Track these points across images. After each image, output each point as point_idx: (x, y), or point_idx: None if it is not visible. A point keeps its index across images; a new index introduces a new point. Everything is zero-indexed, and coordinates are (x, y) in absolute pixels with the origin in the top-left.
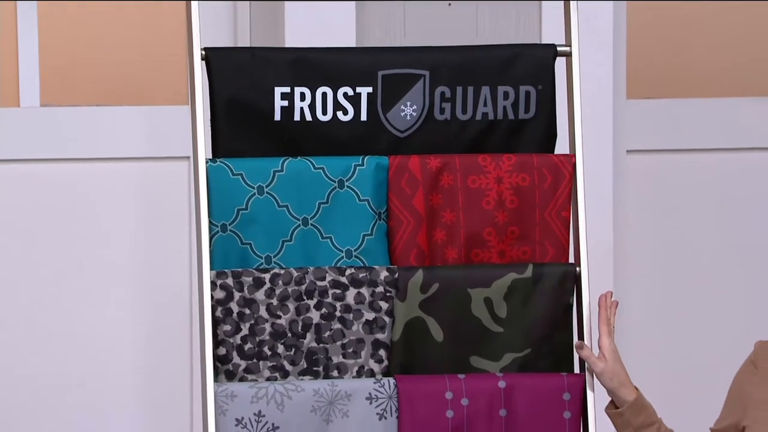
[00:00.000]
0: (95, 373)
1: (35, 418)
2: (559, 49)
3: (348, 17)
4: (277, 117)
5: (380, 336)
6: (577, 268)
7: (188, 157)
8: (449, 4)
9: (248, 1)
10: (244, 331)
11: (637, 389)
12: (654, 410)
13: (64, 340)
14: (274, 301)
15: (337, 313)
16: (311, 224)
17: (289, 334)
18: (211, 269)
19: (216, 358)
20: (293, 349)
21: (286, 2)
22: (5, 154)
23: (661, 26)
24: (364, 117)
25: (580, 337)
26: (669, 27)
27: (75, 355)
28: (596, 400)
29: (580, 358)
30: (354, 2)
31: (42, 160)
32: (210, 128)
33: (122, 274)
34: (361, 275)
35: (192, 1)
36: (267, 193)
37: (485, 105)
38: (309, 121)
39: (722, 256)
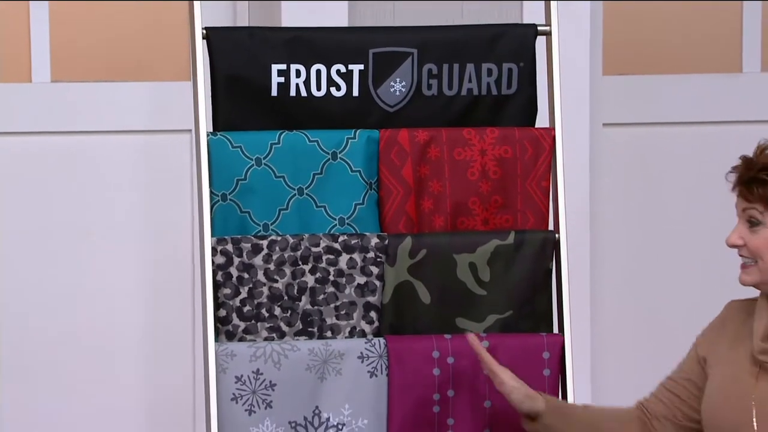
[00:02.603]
0: (102, 338)
1: (46, 371)
2: (539, 28)
3: (340, 16)
4: (274, 92)
5: (371, 299)
6: (556, 235)
7: (190, 130)
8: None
9: (247, 1)
10: (243, 294)
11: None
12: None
13: (74, 305)
14: (272, 266)
15: (331, 278)
16: (306, 194)
17: (286, 297)
18: (211, 236)
19: (217, 319)
20: (289, 311)
21: (282, 2)
22: (19, 127)
23: (635, 6)
24: (356, 93)
25: (559, 299)
26: (643, 7)
27: (84, 319)
28: (574, 358)
29: (559, 319)
30: (347, 2)
31: (53, 133)
32: (210, 103)
33: (128, 241)
34: (353, 242)
35: (195, 1)
36: (264, 164)
37: (470, 81)
38: (304, 97)
39: (694, 225)
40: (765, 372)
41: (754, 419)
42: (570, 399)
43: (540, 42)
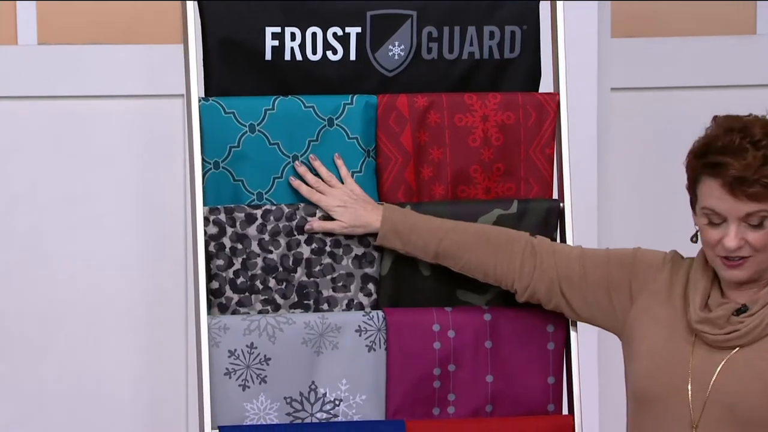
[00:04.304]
0: (92, 310)
1: (37, 346)
2: None
3: None
4: (268, 57)
5: (369, 270)
6: (561, 204)
7: (182, 95)
8: None
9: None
10: (237, 265)
11: (384, 210)
12: (424, 225)
13: (62, 276)
14: (266, 237)
15: (327, 248)
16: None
17: (281, 269)
18: (204, 205)
19: (209, 291)
20: (284, 283)
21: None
22: (4, 91)
23: None
24: (353, 56)
25: None
26: None
27: (72, 290)
28: (579, 331)
29: None
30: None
31: (39, 98)
32: (203, 67)
33: (117, 210)
34: None
35: None
36: (258, 131)
37: (471, 45)
38: (299, 61)
39: None
40: (700, 340)
41: (690, 385)
42: (575, 373)
43: (547, 4)
